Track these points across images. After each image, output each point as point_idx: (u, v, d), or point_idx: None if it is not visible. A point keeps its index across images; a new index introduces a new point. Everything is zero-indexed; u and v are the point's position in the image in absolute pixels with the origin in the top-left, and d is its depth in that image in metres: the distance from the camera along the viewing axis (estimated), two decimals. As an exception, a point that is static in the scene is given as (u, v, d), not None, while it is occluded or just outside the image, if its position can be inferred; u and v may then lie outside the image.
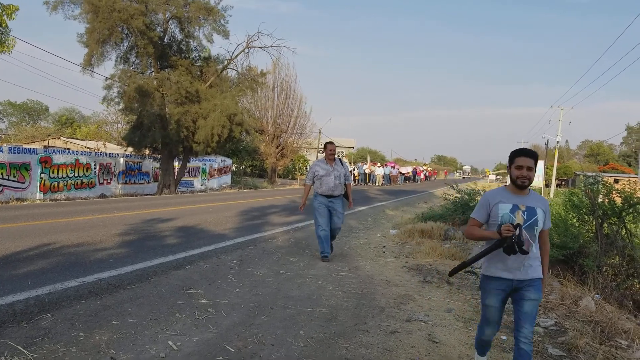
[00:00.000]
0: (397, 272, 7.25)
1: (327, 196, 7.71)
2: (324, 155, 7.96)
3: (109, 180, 20.69)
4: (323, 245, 7.73)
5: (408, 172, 57.94)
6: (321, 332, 4.53)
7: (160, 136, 20.78)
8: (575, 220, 8.02)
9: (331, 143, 7.95)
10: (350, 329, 4.63)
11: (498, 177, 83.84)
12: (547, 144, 53.42)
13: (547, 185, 46.19)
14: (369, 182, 41.84)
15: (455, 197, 11.97)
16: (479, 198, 11.61)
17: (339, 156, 8.19)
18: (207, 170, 29.00)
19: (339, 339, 4.36)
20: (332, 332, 4.52)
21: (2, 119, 70.75)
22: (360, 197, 23.53)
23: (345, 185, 7.89)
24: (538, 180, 45.37)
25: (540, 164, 47.43)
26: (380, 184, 41.44)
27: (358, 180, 40.35)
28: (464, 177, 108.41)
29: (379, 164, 47.01)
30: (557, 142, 43.84)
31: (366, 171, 42.32)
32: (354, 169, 41.17)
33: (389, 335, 4.52)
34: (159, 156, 22.77)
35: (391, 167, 48.00)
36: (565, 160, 79.74)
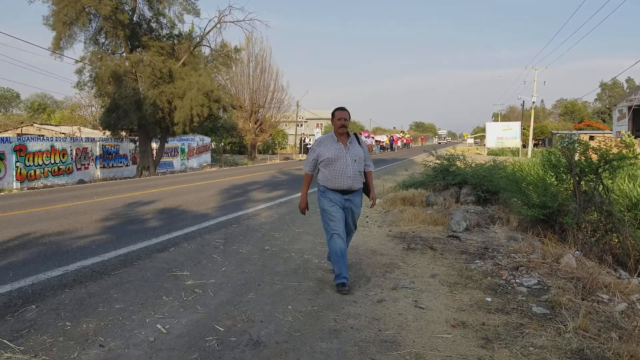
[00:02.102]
0: (381, 241, 7.31)
1: (343, 192, 5.06)
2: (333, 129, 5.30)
3: (86, 165, 20.41)
4: (340, 266, 4.98)
5: (384, 141, 57.51)
6: (309, 305, 4.56)
7: (136, 118, 20.48)
8: (553, 180, 8.12)
9: (342, 109, 5.19)
10: (337, 301, 4.67)
11: (476, 140, 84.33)
12: (522, 105, 53.92)
13: (524, 146, 46.69)
14: None
15: (435, 163, 12.03)
16: (458, 163, 11.69)
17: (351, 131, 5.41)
18: (186, 150, 28.75)
19: (327, 311, 4.40)
20: (320, 305, 4.56)
21: (-28, 109, 69.08)
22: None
23: (365, 173, 5.30)
24: (515, 142, 45.89)
25: (517, 125, 47.91)
26: None
27: None
28: (439, 142, 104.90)
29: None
30: (533, 102, 44.18)
31: None
32: None
33: (376, 304, 4.57)
34: (136, 138, 22.48)
35: (365, 136, 47.40)
36: (541, 120, 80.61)
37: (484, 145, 53.06)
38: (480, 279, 5.33)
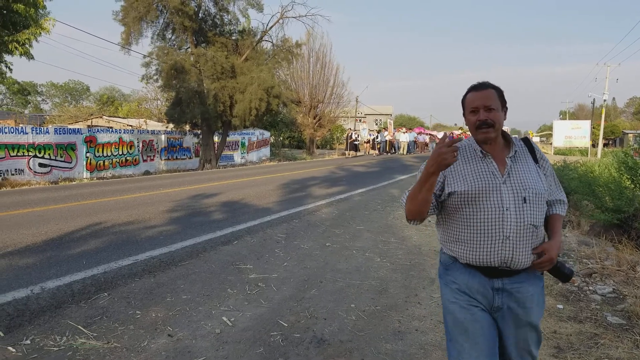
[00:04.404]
0: (445, 242, 7.14)
1: (490, 271, 2.28)
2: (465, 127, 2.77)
3: (152, 157, 21.06)
4: None
5: (439, 138, 55.01)
6: (372, 305, 4.51)
7: (199, 112, 20.95)
8: (628, 182, 7.72)
9: (482, 88, 2.36)
10: (401, 302, 4.60)
11: (542, 138, 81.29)
12: (593, 103, 51.66)
13: (594, 146, 44.78)
14: (392, 150, 39.30)
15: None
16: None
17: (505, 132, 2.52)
18: (246, 144, 29.18)
19: (391, 312, 4.34)
20: (383, 305, 4.50)
21: (46, 101, 72.98)
22: (398, 165, 23.37)
23: (549, 219, 2.39)
24: (584, 141, 44.05)
25: (586, 123, 45.97)
26: (404, 152, 38.47)
27: (380, 149, 38.29)
28: None
29: (403, 130, 42.69)
30: (604, 100, 42.25)
31: (387, 138, 39.33)
32: (376, 137, 38.93)
33: (442, 307, 4.46)
34: (198, 131, 23.02)
35: (417, 132, 44.34)
36: (612, 119, 77.05)
37: (551, 144, 51.22)
38: (550, 285, 5.12)
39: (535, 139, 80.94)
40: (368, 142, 39.02)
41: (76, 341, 3.60)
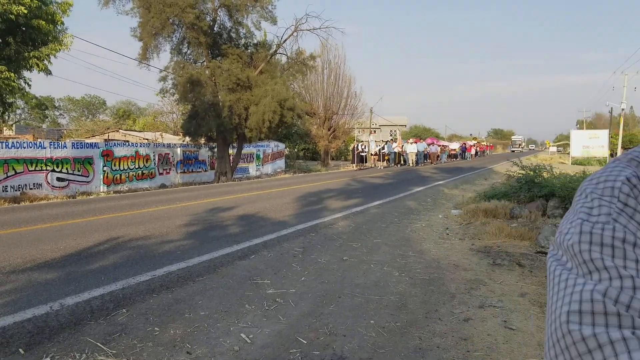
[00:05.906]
0: (464, 255, 7.05)
1: None
2: None
3: (168, 170, 21.20)
4: None
5: (454, 149, 53.11)
6: (392, 321, 4.44)
7: (215, 124, 21.08)
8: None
9: None
10: (421, 318, 4.53)
11: (559, 148, 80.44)
12: (611, 112, 51.17)
13: (612, 155, 44.21)
14: (401, 162, 37.84)
15: (519, 174, 11.56)
16: (545, 174, 11.16)
17: None
18: (261, 156, 29.27)
19: (411, 328, 4.26)
20: (403, 321, 4.43)
21: (63, 115, 73.96)
22: (414, 177, 23.24)
23: None
24: (602, 151, 43.53)
25: (604, 133, 45.46)
26: (412, 164, 36.26)
27: (388, 161, 37.45)
28: (513, 151, 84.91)
29: (411, 140, 39.82)
30: (622, 109, 41.79)
31: (395, 150, 37.97)
32: (382, 148, 37.79)
33: (463, 323, 4.39)
34: (214, 144, 23.15)
35: (427, 143, 42.07)
36: (630, 128, 76.17)
37: (568, 153, 50.73)
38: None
39: (553, 149, 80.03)
40: (376, 154, 38.44)
41: (95, 359, 3.58)
